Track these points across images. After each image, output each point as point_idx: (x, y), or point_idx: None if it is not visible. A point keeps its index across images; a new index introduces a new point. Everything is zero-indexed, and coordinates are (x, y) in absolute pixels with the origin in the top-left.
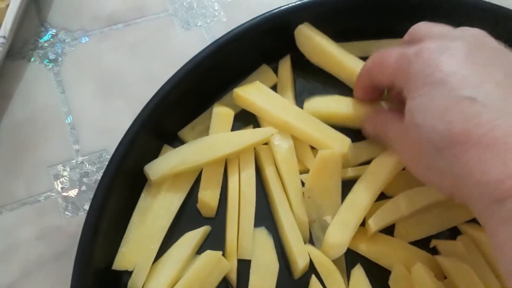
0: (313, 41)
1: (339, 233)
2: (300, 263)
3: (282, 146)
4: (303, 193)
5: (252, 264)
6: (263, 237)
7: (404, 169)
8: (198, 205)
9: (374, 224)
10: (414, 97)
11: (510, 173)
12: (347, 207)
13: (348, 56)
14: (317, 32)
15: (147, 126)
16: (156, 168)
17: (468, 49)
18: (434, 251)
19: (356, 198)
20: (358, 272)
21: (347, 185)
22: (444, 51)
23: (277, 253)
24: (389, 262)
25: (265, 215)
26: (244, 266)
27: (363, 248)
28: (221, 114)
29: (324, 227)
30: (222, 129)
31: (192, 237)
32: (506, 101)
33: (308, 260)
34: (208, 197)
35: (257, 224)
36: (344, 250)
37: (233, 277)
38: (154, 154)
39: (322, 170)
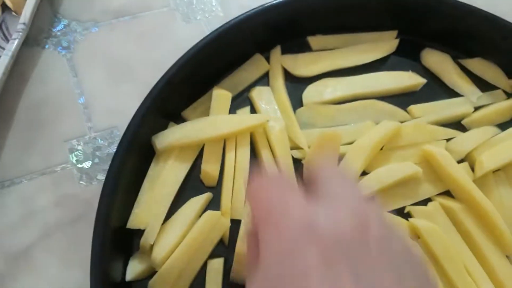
0: None
1: None
2: None
3: (275, 127)
4: (303, 163)
5: (242, 222)
6: None
7: (382, 148)
8: (201, 176)
9: None
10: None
11: None
12: None
13: None
14: None
15: (155, 105)
16: (162, 139)
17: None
18: (409, 217)
19: None
20: None
21: None
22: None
23: None
24: None
25: None
26: (236, 226)
27: None
28: (220, 96)
29: None
30: (221, 109)
31: (196, 202)
32: None
33: None
34: (210, 168)
35: None
36: None
37: (226, 234)
38: (161, 130)
39: (323, 147)
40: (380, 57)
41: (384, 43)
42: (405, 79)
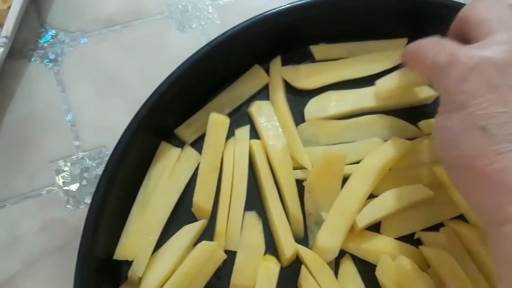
0: None
1: (330, 237)
2: (286, 252)
3: (276, 146)
4: (304, 186)
5: (240, 244)
6: (253, 220)
7: (390, 169)
8: (193, 209)
9: (361, 221)
10: (439, 115)
11: (500, 204)
12: (337, 210)
13: None
14: None
15: (145, 123)
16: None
17: (503, 62)
18: (418, 243)
19: (345, 201)
20: (347, 263)
21: None
22: (474, 68)
23: (269, 244)
24: (376, 258)
25: (258, 209)
26: (231, 257)
27: (350, 246)
28: (217, 122)
29: (319, 222)
30: (218, 136)
31: (190, 230)
32: None
33: (294, 249)
34: (202, 201)
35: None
36: (336, 254)
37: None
38: (152, 150)
39: (326, 168)
40: (388, 68)
41: (393, 52)
42: (415, 93)
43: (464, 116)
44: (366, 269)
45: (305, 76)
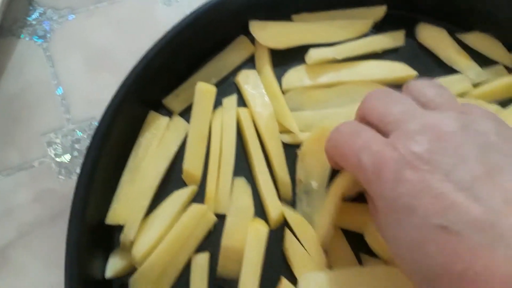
0: None
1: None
2: (273, 214)
3: (263, 113)
4: (297, 154)
5: (230, 207)
6: (242, 184)
7: None
8: (183, 175)
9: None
10: (383, 223)
11: None
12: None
13: None
14: None
15: (131, 93)
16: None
17: (428, 150)
18: None
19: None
20: (335, 230)
21: None
22: (405, 165)
23: (258, 209)
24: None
25: (247, 175)
26: (221, 220)
27: (338, 220)
28: (204, 91)
29: (309, 191)
30: (205, 105)
31: (180, 196)
32: (484, 218)
33: (280, 211)
34: (192, 167)
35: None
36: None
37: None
38: (141, 120)
39: (320, 139)
40: (365, 32)
41: (370, 16)
42: (396, 71)
43: (417, 221)
44: (357, 239)
45: (275, 35)
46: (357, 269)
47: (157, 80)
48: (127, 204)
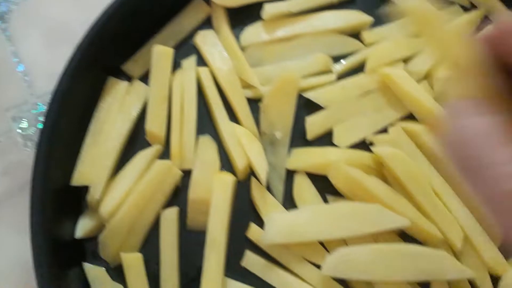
0: None
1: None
2: (239, 164)
3: (223, 68)
4: (260, 107)
5: (195, 161)
6: (206, 141)
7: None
8: (147, 136)
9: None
10: None
11: None
12: None
13: None
14: None
15: (87, 57)
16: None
17: None
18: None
19: None
20: (301, 176)
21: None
22: None
23: (226, 165)
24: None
25: (212, 133)
26: (188, 175)
27: (302, 164)
28: (161, 53)
29: (273, 141)
30: (163, 66)
31: (145, 154)
32: None
33: (246, 161)
34: (155, 128)
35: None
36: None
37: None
38: (102, 86)
39: (280, 89)
40: None
41: None
42: (352, 19)
43: None
44: (323, 184)
45: None
46: (320, 206)
47: (114, 45)
48: (91, 165)
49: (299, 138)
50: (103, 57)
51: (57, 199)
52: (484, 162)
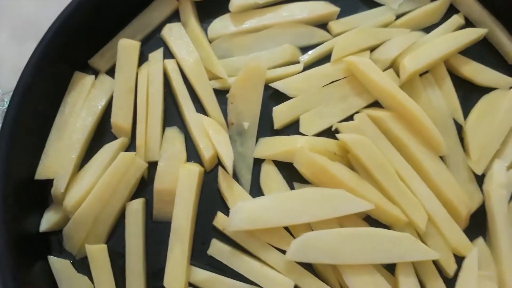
0: None
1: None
2: (206, 154)
3: (189, 60)
4: (227, 98)
5: (161, 153)
6: (173, 133)
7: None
8: (113, 130)
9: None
10: None
11: None
12: None
13: None
14: None
15: (51, 50)
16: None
17: None
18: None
19: None
20: (268, 165)
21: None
22: None
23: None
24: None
25: (180, 125)
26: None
27: (269, 152)
28: (127, 46)
29: (241, 131)
30: (129, 59)
31: (110, 147)
32: None
33: (213, 151)
34: (121, 120)
35: None
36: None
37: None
38: (67, 80)
39: (247, 80)
40: None
41: None
42: (318, 9)
43: None
44: (290, 172)
45: None
46: (285, 193)
47: (80, 40)
48: (55, 158)
49: (266, 128)
50: (69, 51)
51: (21, 193)
52: None
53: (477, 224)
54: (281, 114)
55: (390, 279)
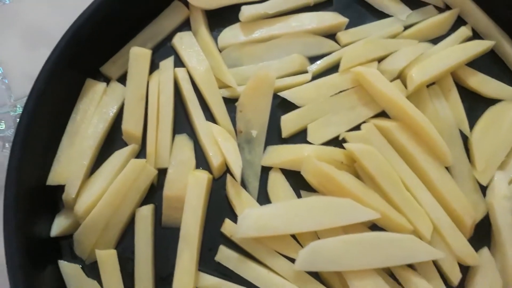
0: None
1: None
2: (214, 161)
3: (199, 69)
4: (236, 106)
5: (170, 160)
6: (183, 140)
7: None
8: (124, 137)
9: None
10: None
11: None
12: None
13: None
14: None
15: (64, 58)
16: None
17: None
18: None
19: None
20: (275, 173)
21: None
22: None
23: (203, 163)
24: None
25: (189, 132)
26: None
27: (277, 160)
28: (138, 55)
29: (250, 139)
30: (140, 67)
31: (121, 154)
32: None
33: (222, 158)
34: (132, 128)
35: None
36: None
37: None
38: (79, 88)
39: (256, 88)
40: None
41: None
42: (327, 19)
43: None
44: (297, 181)
45: None
46: (292, 201)
47: (92, 47)
48: (67, 164)
49: (274, 136)
50: (81, 59)
51: (32, 198)
52: None
53: (482, 234)
54: (289, 122)
55: (394, 285)
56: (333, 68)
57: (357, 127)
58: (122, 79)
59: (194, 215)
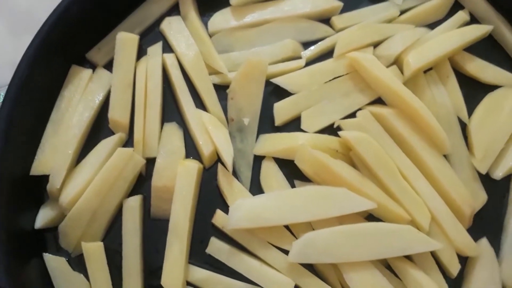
0: None
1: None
2: (205, 150)
3: (188, 54)
4: (227, 93)
5: (159, 150)
6: (172, 129)
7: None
8: (110, 125)
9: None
10: None
11: None
12: None
13: None
14: None
15: (48, 44)
16: None
17: None
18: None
19: None
20: (268, 162)
21: None
22: None
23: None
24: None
25: (179, 120)
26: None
27: (271, 149)
28: (125, 40)
29: (241, 127)
30: (127, 53)
31: (107, 142)
32: None
33: (213, 147)
34: (118, 116)
35: None
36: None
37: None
38: (63, 73)
39: (248, 75)
40: None
41: None
42: (321, 4)
43: None
44: (291, 170)
45: None
46: (285, 191)
47: (77, 33)
48: (51, 154)
49: (267, 124)
50: (66, 44)
51: (16, 189)
52: None
53: (481, 224)
54: (282, 110)
55: (391, 277)
56: (328, 54)
57: (352, 115)
58: (109, 66)
59: (183, 206)
